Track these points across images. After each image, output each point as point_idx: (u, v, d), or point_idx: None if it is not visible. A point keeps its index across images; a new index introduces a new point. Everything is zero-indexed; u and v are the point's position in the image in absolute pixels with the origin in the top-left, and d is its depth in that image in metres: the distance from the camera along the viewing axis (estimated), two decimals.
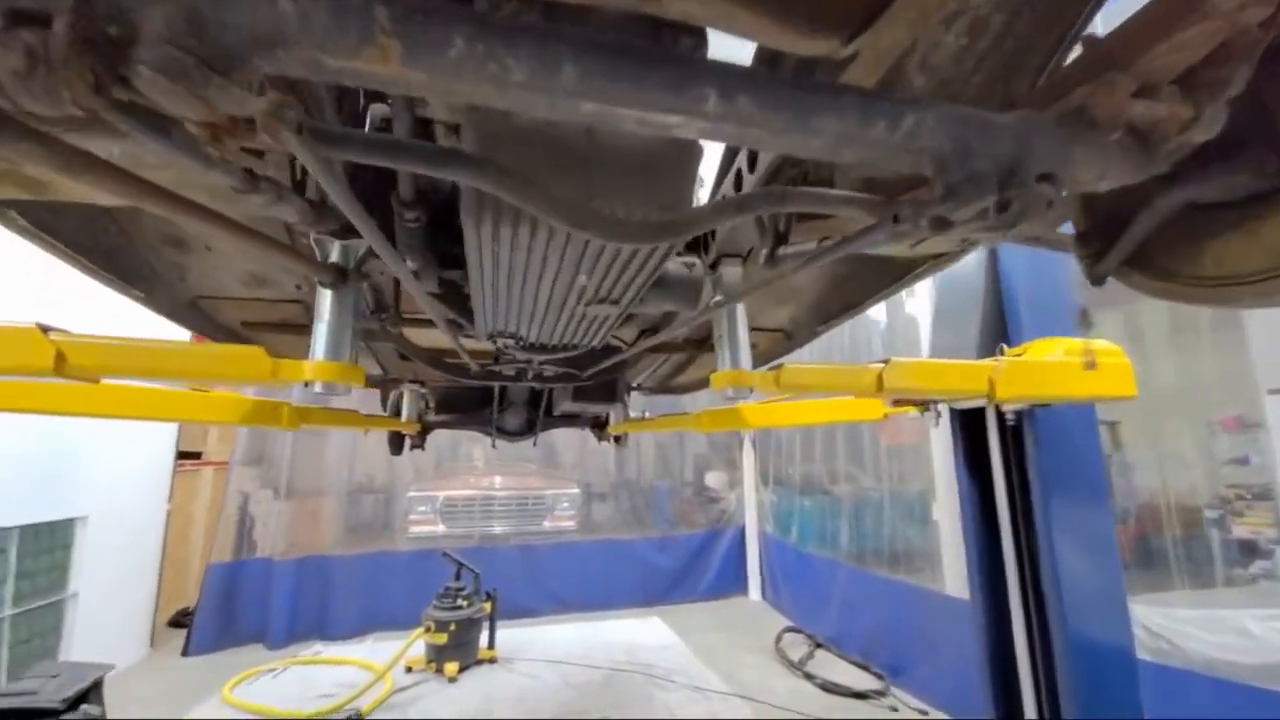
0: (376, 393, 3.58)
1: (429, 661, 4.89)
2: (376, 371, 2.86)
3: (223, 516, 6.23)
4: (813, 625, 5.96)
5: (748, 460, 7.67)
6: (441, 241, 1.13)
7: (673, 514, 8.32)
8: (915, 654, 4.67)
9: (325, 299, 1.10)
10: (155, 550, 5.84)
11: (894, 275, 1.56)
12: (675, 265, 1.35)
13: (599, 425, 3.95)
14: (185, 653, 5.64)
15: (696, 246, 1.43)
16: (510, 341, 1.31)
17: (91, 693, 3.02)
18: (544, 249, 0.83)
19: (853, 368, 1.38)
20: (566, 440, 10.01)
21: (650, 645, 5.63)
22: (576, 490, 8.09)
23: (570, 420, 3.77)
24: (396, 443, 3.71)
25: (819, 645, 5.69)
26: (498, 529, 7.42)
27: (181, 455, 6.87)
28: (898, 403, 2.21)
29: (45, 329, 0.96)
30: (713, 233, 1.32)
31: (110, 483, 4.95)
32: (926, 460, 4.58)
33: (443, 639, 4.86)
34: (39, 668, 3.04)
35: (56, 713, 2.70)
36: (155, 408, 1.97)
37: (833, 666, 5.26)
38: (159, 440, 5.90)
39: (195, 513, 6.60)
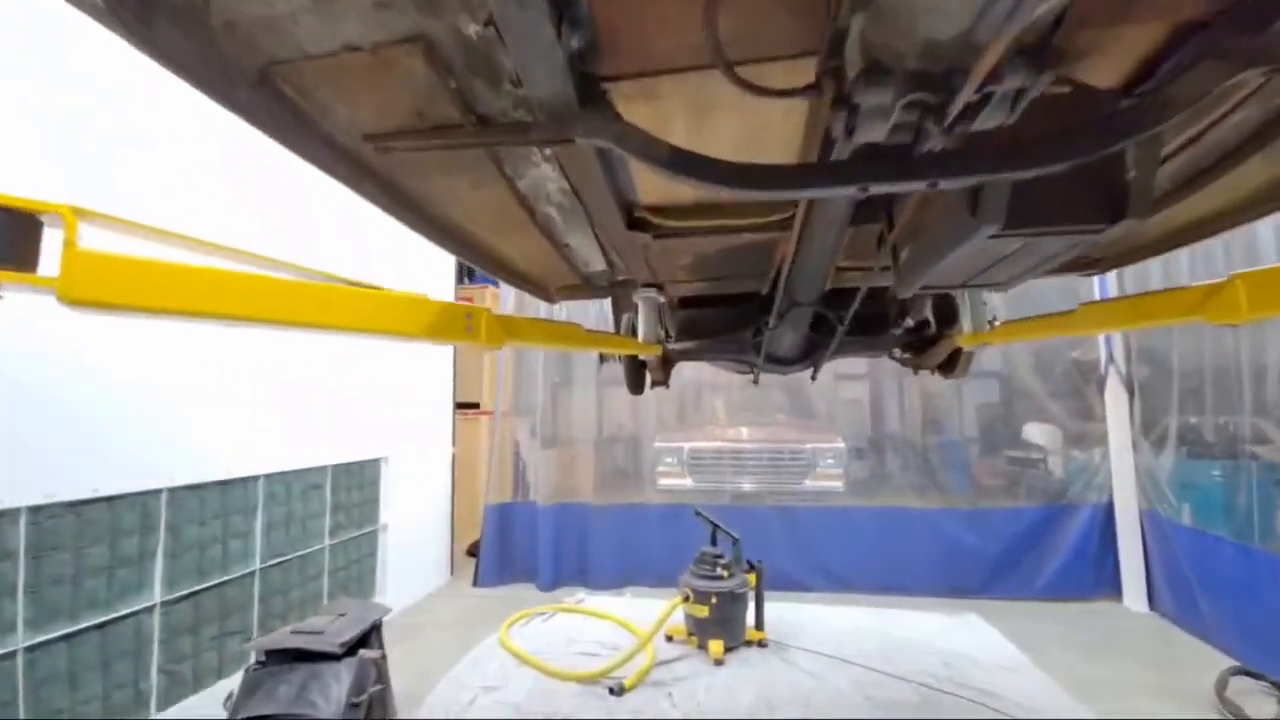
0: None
1: (690, 634, 4.24)
2: (599, 267, 1.99)
3: (494, 461, 6.60)
4: None
5: (1116, 407, 5.18)
6: None
7: (974, 478, 6.31)
8: None
9: None
10: (446, 490, 6.44)
11: None
12: None
13: (923, 344, 2.55)
14: (475, 583, 6.14)
15: None
16: None
17: (371, 635, 2.95)
18: None
19: None
20: (819, 388, 8.63)
21: (977, 657, 4.06)
22: (842, 444, 6.68)
23: (877, 332, 2.47)
24: (635, 377, 2.92)
25: None
26: (749, 486, 6.53)
27: (461, 405, 7.63)
28: None
29: None
30: None
31: (403, 429, 5.41)
32: None
33: (703, 612, 4.14)
34: (334, 605, 3.11)
35: (335, 657, 2.60)
36: (304, 310, 1.33)
37: None
38: (439, 391, 6.43)
39: (477, 457, 7.22)
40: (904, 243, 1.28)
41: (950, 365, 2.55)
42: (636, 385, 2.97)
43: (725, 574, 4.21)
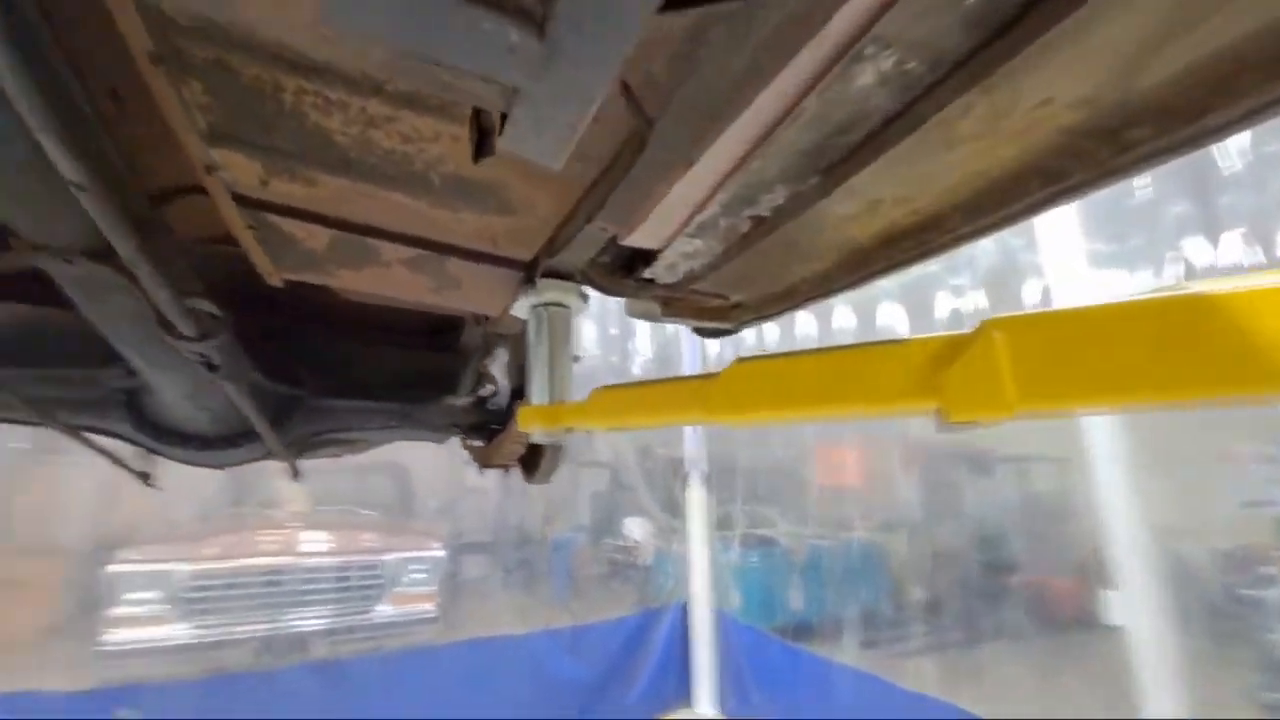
0: None
1: None
2: None
3: None
4: None
5: (696, 504, 5.38)
6: None
7: (575, 584, 5.81)
8: None
9: None
10: None
11: None
12: None
13: (481, 425, 1.53)
14: None
15: None
16: None
17: None
18: None
19: None
20: (431, 475, 7.24)
21: None
22: (439, 550, 5.29)
23: (424, 398, 1.38)
24: None
25: None
26: (293, 625, 4.40)
27: None
28: None
29: None
30: None
31: None
32: None
33: None
34: None
35: None
36: None
37: None
38: None
39: None
40: None
41: (534, 462, 1.58)
42: None
43: None
